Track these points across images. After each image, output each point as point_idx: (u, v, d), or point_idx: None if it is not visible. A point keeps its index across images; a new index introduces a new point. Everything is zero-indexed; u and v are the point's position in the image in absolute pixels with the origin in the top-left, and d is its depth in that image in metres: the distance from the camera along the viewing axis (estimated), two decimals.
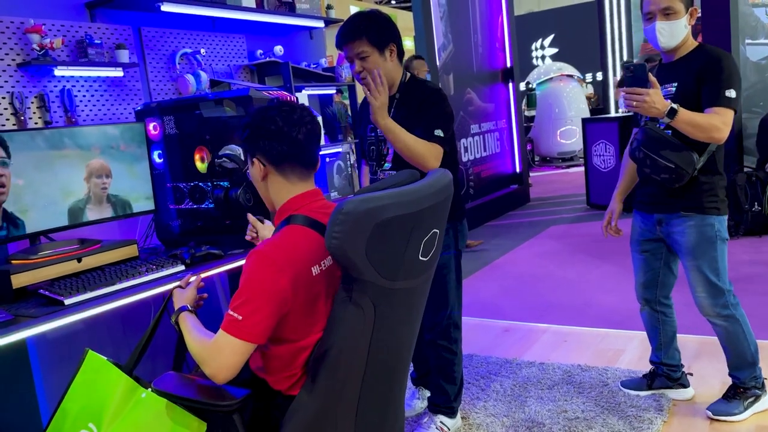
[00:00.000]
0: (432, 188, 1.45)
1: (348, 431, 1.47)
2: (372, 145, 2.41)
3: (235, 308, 1.39)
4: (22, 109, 2.48)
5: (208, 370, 1.40)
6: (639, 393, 2.63)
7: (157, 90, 3.05)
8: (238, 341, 1.38)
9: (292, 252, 1.44)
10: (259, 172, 1.57)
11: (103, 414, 1.53)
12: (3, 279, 1.95)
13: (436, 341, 2.41)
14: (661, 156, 2.19)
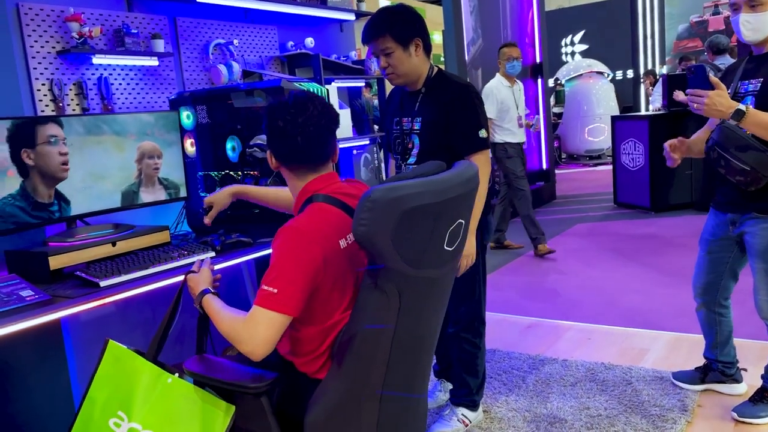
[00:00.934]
0: (458, 179, 1.46)
1: (372, 416, 1.49)
2: (397, 139, 2.42)
3: (270, 282, 1.42)
4: (60, 95, 2.54)
5: (246, 348, 1.41)
6: (691, 387, 2.62)
7: (190, 80, 3.10)
8: (275, 314, 1.40)
9: (320, 225, 1.50)
10: (272, 163, 1.65)
11: (131, 402, 1.56)
12: (41, 260, 2.01)
13: (459, 334, 2.43)
14: (736, 157, 2.11)
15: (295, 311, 1.43)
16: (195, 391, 1.57)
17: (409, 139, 2.35)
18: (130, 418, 1.55)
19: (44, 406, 2.35)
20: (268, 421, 1.48)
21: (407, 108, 2.37)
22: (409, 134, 2.35)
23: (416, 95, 2.32)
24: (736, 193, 2.26)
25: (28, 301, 1.80)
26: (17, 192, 2.04)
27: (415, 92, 2.33)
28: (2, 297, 1.81)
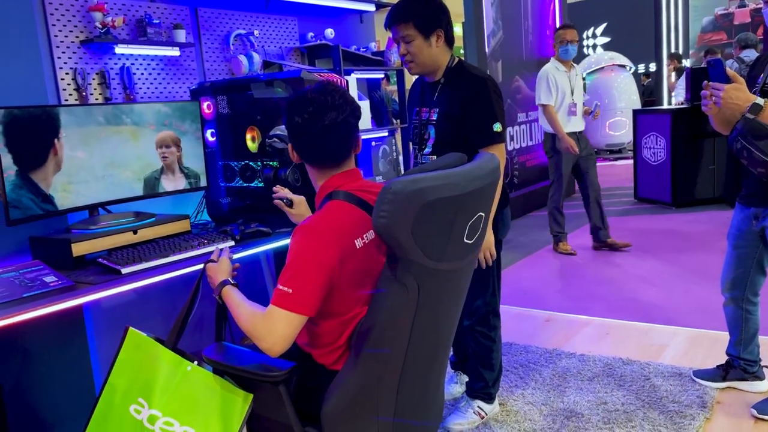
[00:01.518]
0: (479, 171, 1.46)
1: (389, 408, 1.50)
2: (416, 129, 2.42)
3: (285, 282, 1.43)
4: (84, 85, 2.57)
5: (264, 345, 1.43)
6: (712, 384, 2.60)
7: (211, 70, 3.12)
8: (291, 314, 1.42)
9: (336, 225, 1.49)
10: (294, 157, 1.65)
11: (152, 389, 1.58)
12: (64, 247, 2.04)
13: (474, 327, 2.43)
14: (759, 149, 2.09)
15: (311, 311, 1.44)
16: (214, 379, 1.58)
17: (425, 130, 2.35)
18: (151, 404, 1.56)
19: (65, 391, 2.39)
20: (285, 409, 1.49)
21: (427, 98, 2.37)
22: (426, 125, 2.35)
23: (435, 86, 2.32)
24: (758, 187, 2.25)
25: (52, 286, 1.83)
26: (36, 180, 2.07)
27: (435, 83, 2.32)
28: (26, 282, 1.84)
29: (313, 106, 1.54)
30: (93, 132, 2.22)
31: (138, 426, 1.56)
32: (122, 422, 1.57)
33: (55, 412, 2.36)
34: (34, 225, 2.13)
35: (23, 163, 2.01)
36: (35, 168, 2.05)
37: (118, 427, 1.58)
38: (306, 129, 1.55)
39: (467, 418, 2.45)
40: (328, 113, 1.53)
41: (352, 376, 1.47)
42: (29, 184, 2.03)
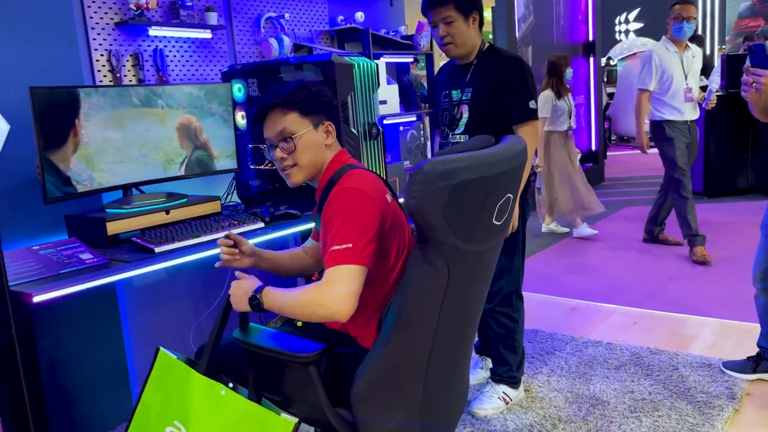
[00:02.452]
0: (508, 153, 1.45)
1: (417, 388, 1.51)
2: (445, 110, 2.45)
3: (341, 240, 1.45)
4: (118, 66, 2.60)
5: (331, 309, 1.42)
6: (742, 376, 2.57)
7: (242, 53, 3.14)
8: (354, 267, 1.43)
9: (372, 181, 1.58)
10: (324, 138, 1.67)
11: (187, 412, 1.55)
12: (99, 226, 2.08)
13: (497, 309, 2.44)
14: None
15: (370, 262, 1.47)
16: (249, 405, 1.54)
17: (457, 110, 2.38)
18: (188, 429, 1.54)
19: (99, 365, 2.46)
20: (316, 390, 1.51)
21: (457, 80, 2.41)
22: (458, 105, 2.39)
23: (467, 67, 2.38)
24: None
25: (88, 263, 1.87)
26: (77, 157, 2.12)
27: (466, 65, 2.38)
28: (63, 259, 1.89)
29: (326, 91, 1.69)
30: (127, 113, 2.25)
31: None
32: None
33: (88, 386, 2.43)
34: (69, 203, 2.18)
35: (59, 142, 2.05)
36: (71, 148, 2.09)
37: None
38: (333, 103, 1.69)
39: (492, 403, 2.46)
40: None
41: (382, 356, 1.47)
42: (64, 164, 2.07)
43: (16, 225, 2.16)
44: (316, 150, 1.66)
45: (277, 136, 1.65)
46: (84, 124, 2.11)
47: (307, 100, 1.65)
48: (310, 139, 1.65)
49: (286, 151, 1.64)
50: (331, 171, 1.66)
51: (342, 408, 1.55)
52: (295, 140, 1.63)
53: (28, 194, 2.18)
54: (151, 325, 2.74)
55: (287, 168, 1.66)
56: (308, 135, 1.64)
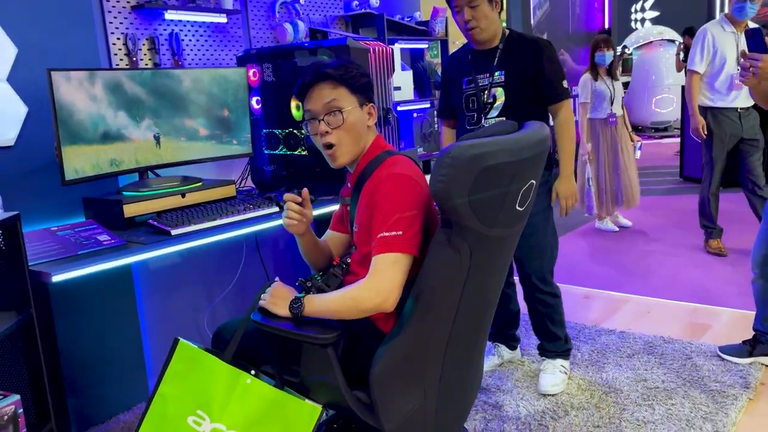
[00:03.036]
0: (533, 139, 1.45)
1: (435, 372, 1.52)
2: (471, 97, 2.44)
3: (391, 227, 1.44)
4: (134, 50, 2.61)
5: (377, 299, 1.41)
6: (738, 359, 2.58)
7: (256, 38, 3.13)
8: (402, 255, 1.43)
9: (415, 168, 1.57)
10: (367, 118, 1.64)
11: (210, 401, 1.53)
12: (116, 208, 2.10)
13: (541, 289, 2.47)
14: None
15: (418, 249, 1.46)
16: (276, 393, 1.54)
17: (488, 94, 2.39)
18: (212, 418, 1.52)
19: (115, 346, 2.49)
20: (334, 372, 1.51)
21: (482, 65, 2.41)
22: (488, 89, 2.39)
23: (492, 52, 2.39)
24: None
25: (105, 245, 1.89)
26: None
27: (490, 50, 2.39)
28: (81, 240, 1.90)
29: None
30: (142, 97, 2.26)
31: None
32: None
33: (105, 366, 2.46)
34: (86, 185, 2.19)
35: (76, 124, 2.06)
36: (88, 130, 2.10)
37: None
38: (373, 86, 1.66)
39: (558, 377, 2.49)
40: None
41: (401, 340, 1.48)
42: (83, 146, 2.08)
43: (34, 207, 2.18)
44: (360, 129, 1.62)
45: (323, 108, 1.58)
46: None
47: (357, 78, 1.61)
48: (356, 117, 1.60)
49: (331, 125, 1.58)
50: (371, 155, 1.64)
51: (359, 390, 1.56)
52: (344, 114, 1.58)
53: (46, 176, 2.19)
54: (166, 309, 2.76)
55: (330, 147, 1.60)
56: (355, 112, 1.60)
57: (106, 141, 2.16)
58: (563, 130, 2.42)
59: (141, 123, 2.26)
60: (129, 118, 2.22)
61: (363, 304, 1.45)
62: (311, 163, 2.65)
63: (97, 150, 2.13)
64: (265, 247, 3.07)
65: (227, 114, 2.54)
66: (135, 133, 2.25)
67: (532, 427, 2.24)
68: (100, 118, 2.13)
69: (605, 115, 4.66)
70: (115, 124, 2.18)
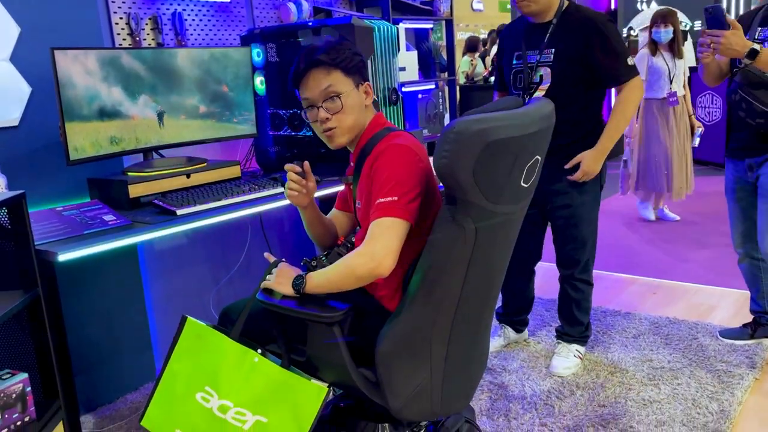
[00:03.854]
0: (539, 113, 1.43)
1: (441, 350, 1.51)
2: (519, 74, 2.38)
3: (387, 193, 1.43)
4: (137, 30, 2.59)
5: (370, 264, 1.39)
6: (739, 342, 2.57)
7: (260, 17, 3.10)
8: (398, 220, 1.41)
9: (417, 142, 1.55)
10: (363, 98, 1.62)
11: (218, 378, 1.54)
12: (122, 188, 2.09)
13: (577, 276, 2.47)
14: (758, 99, 2.11)
15: (413, 217, 1.44)
16: (283, 372, 1.53)
17: (535, 73, 2.32)
18: (221, 394, 1.53)
19: (122, 325, 2.50)
20: (340, 350, 1.51)
21: (534, 40, 2.32)
22: (535, 67, 2.31)
23: (545, 27, 2.29)
24: (752, 138, 2.24)
25: (111, 225, 1.88)
26: None
27: (544, 24, 2.29)
28: (87, 220, 1.90)
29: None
30: (145, 76, 2.24)
31: (208, 414, 1.53)
32: (189, 409, 1.55)
33: (112, 346, 2.47)
34: (90, 166, 2.18)
35: (80, 103, 2.05)
36: (92, 109, 2.09)
37: (184, 413, 1.55)
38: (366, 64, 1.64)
39: (571, 361, 2.49)
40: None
41: (407, 317, 1.47)
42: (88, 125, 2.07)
43: (39, 187, 2.18)
44: (359, 111, 1.61)
45: (321, 95, 1.56)
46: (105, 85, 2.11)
47: (350, 59, 1.59)
48: (354, 99, 1.59)
49: (331, 111, 1.57)
50: (370, 132, 1.62)
51: (365, 368, 1.56)
52: (342, 98, 1.56)
53: (51, 156, 2.19)
54: (171, 290, 2.77)
55: (330, 129, 1.59)
56: (352, 95, 1.59)
57: (106, 118, 2.14)
58: (617, 107, 2.28)
59: (139, 100, 2.24)
60: (128, 96, 2.20)
61: (357, 270, 1.43)
62: (316, 143, 2.63)
63: (97, 127, 2.11)
64: (271, 229, 3.07)
65: (226, 90, 2.51)
66: (134, 111, 2.23)
67: (538, 407, 2.25)
68: (101, 97, 2.12)
69: (663, 94, 4.34)
70: (114, 102, 2.16)
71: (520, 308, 2.71)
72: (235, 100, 2.56)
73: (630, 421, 2.11)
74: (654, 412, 2.15)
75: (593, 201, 2.39)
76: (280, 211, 3.01)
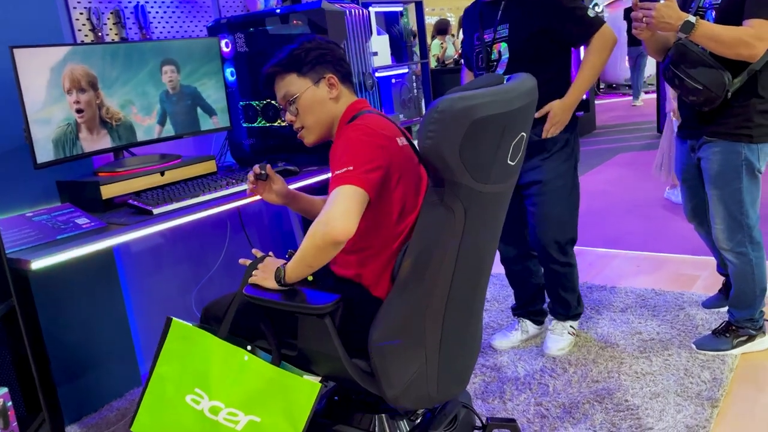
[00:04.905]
0: (522, 88, 1.39)
1: (435, 336, 1.48)
2: (480, 54, 2.33)
3: (342, 165, 1.40)
4: (99, 25, 2.49)
5: (325, 228, 1.34)
6: (723, 309, 2.57)
7: (226, 7, 3.02)
8: (352, 187, 1.37)
9: (379, 122, 1.54)
10: (327, 92, 1.61)
11: (208, 379, 1.50)
12: (93, 190, 2.02)
13: (554, 258, 2.36)
14: (689, 76, 2.02)
15: (371, 188, 1.40)
16: (274, 370, 1.50)
17: (493, 50, 2.27)
18: (211, 396, 1.49)
19: (103, 332, 2.42)
20: (332, 342, 1.47)
21: (488, 19, 2.29)
22: (491, 44, 2.27)
23: (497, 5, 2.25)
24: (692, 118, 2.17)
25: (85, 228, 1.81)
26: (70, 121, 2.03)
27: (495, 2, 2.26)
28: (59, 224, 1.82)
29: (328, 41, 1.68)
30: (111, 72, 2.16)
31: (199, 416, 1.50)
32: (180, 412, 1.51)
33: (94, 354, 2.40)
34: (59, 169, 2.10)
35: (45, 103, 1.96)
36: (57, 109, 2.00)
37: (175, 417, 1.52)
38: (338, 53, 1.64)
39: (565, 340, 2.45)
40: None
41: (399, 304, 1.44)
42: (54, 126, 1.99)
43: (6, 192, 2.09)
44: (319, 108, 1.61)
45: (282, 100, 1.65)
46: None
47: (301, 58, 1.60)
48: (310, 97, 1.60)
49: (293, 113, 1.64)
50: (346, 119, 1.61)
51: (359, 359, 1.52)
52: (296, 101, 1.61)
53: (16, 160, 2.09)
54: (152, 292, 2.69)
55: (299, 130, 1.67)
56: (308, 94, 1.60)
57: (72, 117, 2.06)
58: (585, 59, 2.19)
59: (105, 97, 2.16)
60: (94, 93, 2.12)
61: (315, 239, 1.38)
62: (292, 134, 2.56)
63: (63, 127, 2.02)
64: (249, 223, 3.01)
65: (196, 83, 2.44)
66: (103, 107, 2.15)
67: (532, 387, 2.24)
68: (65, 95, 2.03)
69: None
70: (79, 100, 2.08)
71: (532, 297, 2.59)
72: (206, 92, 2.48)
73: (624, 395, 2.11)
74: (647, 384, 2.16)
75: (567, 177, 2.30)
76: (258, 205, 2.95)
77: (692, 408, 1.99)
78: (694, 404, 2.01)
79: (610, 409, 2.04)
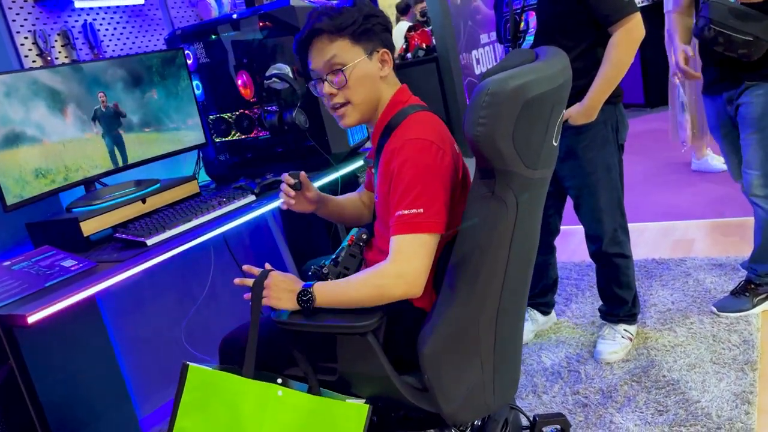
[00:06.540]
0: (560, 64, 1.29)
1: (489, 339, 1.37)
2: (507, 23, 2.15)
3: (410, 204, 1.26)
4: (47, 48, 2.27)
5: (404, 287, 1.25)
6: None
7: (178, 18, 2.82)
8: (426, 236, 1.25)
9: (439, 129, 1.35)
10: (379, 68, 1.42)
11: (241, 425, 1.34)
12: (72, 227, 1.81)
13: (606, 251, 2.18)
14: (737, 30, 2.00)
15: (444, 224, 1.28)
16: (312, 400, 1.35)
17: (520, 20, 2.09)
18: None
19: (95, 381, 2.19)
20: (378, 359, 1.34)
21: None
22: (521, 13, 2.09)
23: None
24: (725, 69, 2.16)
25: (75, 270, 1.62)
26: None
27: None
28: (44, 270, 1.62)
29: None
30: (67, 97, 1.95)
31: None
32: None
33: (88, 406, 2.17)
34: (26, 210, 1.88)
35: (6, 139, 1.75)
36: (22, 144, 1.79)
37: None
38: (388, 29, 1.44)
39: (619, 344, 2.23)
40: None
41: (450, 312, 1.31)
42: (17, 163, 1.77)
43: None
44: (371, 84, 1.41)
45: (324, 67, 1.40)
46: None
47: (359, 23, 1.38)
48: (364, 70, 1.39)
49: (336, 85, 1.39)
50: (391, 111, 1.42)
51: (408, 375, 1.39)
52: (345, 72, 1.38)
53: None
54: (138, 331, 2.48)
55: (338, 106, 1.42)
56: (361, 65, 1.39)
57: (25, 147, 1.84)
58: (607, 54, 1.98)
59: (61, 125, 1.95)
60: (46, 122, 1.91)
61: (389, 292, 1.28)
62: (271, 144, 2.41)
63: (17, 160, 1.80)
64: (233, 245, 2.82)
65: (156, 96, 2.24)
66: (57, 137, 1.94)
67: (563, 375, 2.15)
68: (16, 126, 1.81)
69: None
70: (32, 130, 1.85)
71: (544, 288, 2.48)
72: (175, 107, 2.29)
73: (660, 371, 2.05)
74: (680, 356, 2.10)
75: (609, 162, 2.14)
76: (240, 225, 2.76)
77: (733, 374, 1.95)
78: (734, 370, 1.97)
79: (651, 387, 1.98)
